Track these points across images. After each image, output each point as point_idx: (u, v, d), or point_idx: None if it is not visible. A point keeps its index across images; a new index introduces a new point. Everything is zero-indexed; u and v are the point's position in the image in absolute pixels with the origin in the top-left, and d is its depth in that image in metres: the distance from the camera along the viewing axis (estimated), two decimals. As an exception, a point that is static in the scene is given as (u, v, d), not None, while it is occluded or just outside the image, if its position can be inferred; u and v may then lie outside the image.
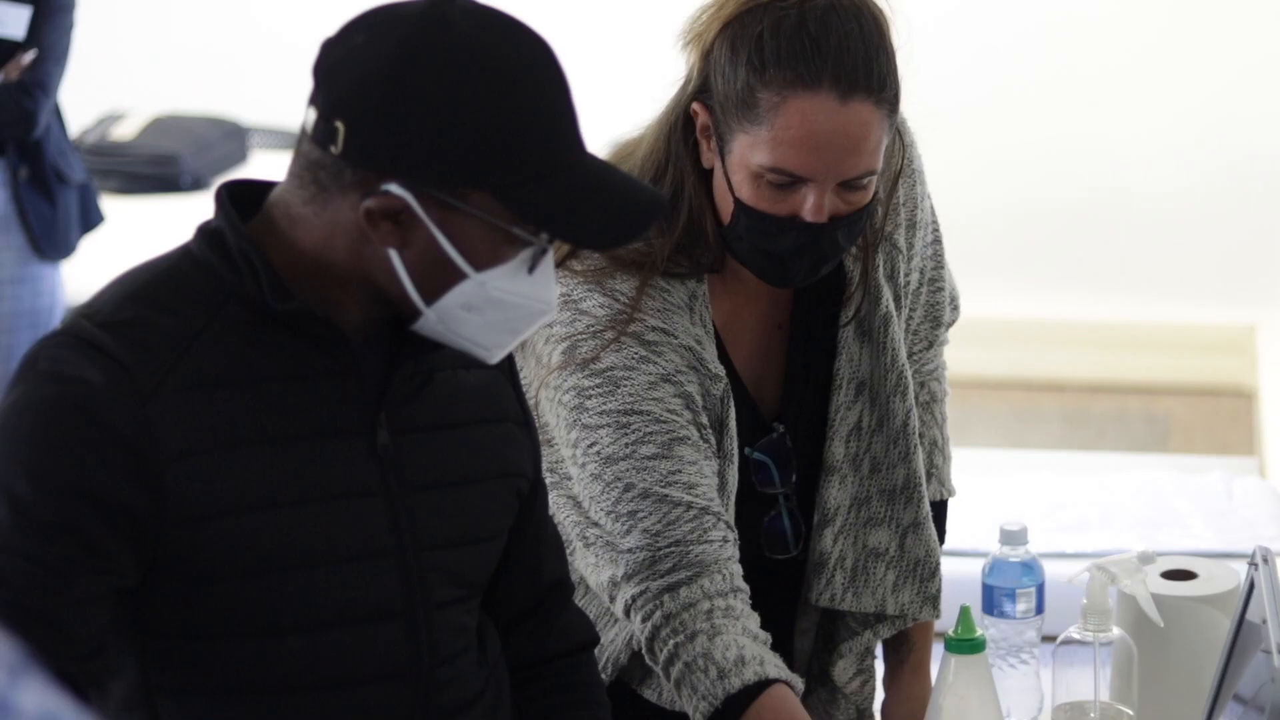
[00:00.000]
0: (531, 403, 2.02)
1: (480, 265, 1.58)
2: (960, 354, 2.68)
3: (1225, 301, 5.27)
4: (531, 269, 1.60)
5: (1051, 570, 2.39)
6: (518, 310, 1.61)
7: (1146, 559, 2.07)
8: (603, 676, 2.08)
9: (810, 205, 1.92)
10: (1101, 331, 5.26)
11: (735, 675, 1.89)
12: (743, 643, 1.92)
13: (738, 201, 1.95)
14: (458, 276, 1.58)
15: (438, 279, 1.59)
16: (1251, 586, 1.99)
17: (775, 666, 1.91)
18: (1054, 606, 2.27)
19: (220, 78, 5.35)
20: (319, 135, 1.56)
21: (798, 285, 2.02)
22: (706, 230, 1.99)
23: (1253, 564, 1.89)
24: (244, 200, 1.62)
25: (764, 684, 1.89)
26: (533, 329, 1.67)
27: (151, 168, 4.86)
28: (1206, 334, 5.24)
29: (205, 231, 1.62)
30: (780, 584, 2.03)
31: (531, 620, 1.83)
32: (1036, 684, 2.33)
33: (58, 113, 3.66)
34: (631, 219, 1.63)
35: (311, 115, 1.57)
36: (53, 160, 3.61)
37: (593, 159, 1.63)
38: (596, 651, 2.08)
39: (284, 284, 1.59)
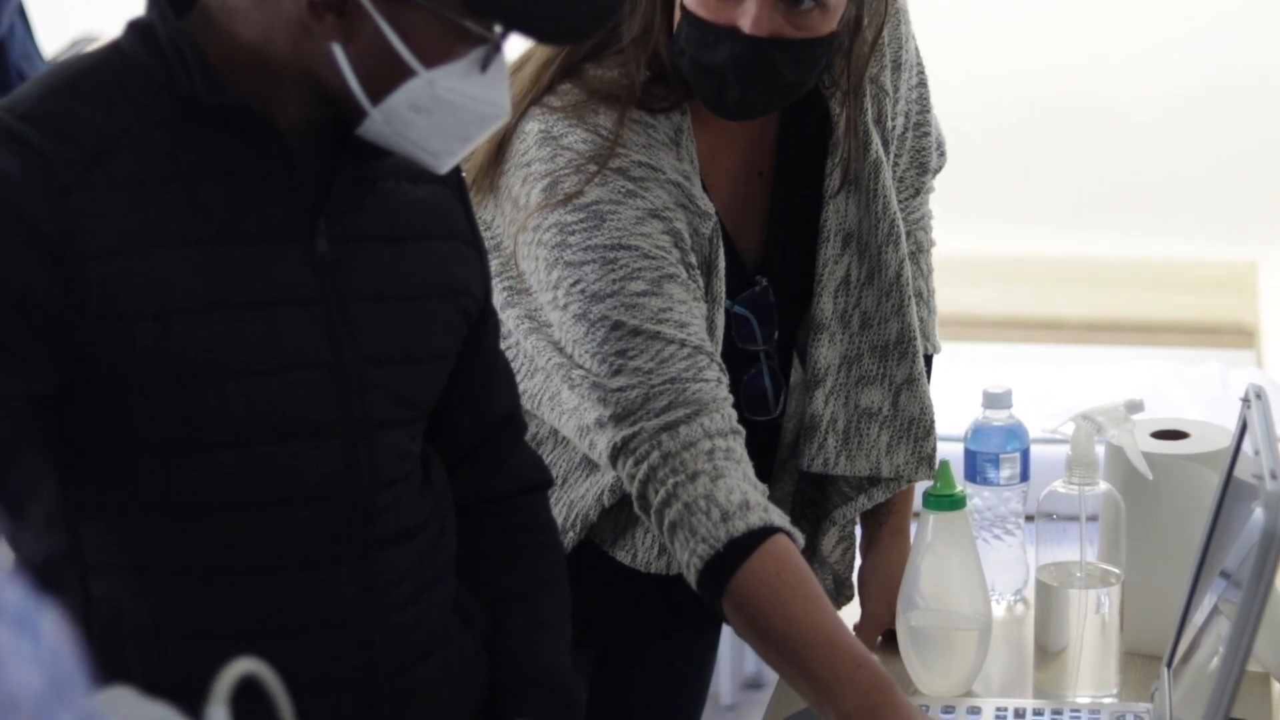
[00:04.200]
0: (508, 253, 1.93)
1: (429, 62, 1.49)
2: (954, 293, 2.61)
3: (1225, 237, 5.17)
4: (484, 68, 1.51)
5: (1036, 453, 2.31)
6: (468, 114, 1.53)
7: (1134, 407, 1.98)
8: (570, 536, 1.99)
9: (749, 16, 1.83)
10: (1099, 269, 5.16)
11: (740, 519, 1.79)
12: (745, 488, 1.82)
13: (683, 9, 1.87)
14: (405, 74, 1.49)
15: (384, 76, 1.50)
16: (1242, 435, 1.90)
17: (780, 515, 1.82)
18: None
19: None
20: None
21: (735, 114, 1.91)
22: (662, 50, 1.90)
23: (1245, 401, 1.80)
24: None
25: (768, 530, 1.79)
26: (484, 135, 1.58)
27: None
28: (1206, 271, 5.14)
29: (135, 26, 1.54)
30: (756, 448, 1.93)
31: (480, 456, 1.74)
32: (1021, 556, 2.25)
33: (22, 13, 3.56)
34: (590, 8, 1.53)
35: None
36: (16, 62, 3.51)
37: None
38: (564, 509, 1.99)
39: (218, 78, 1.50)
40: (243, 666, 1.23)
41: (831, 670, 1.72)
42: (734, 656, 4.21)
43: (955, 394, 2.93)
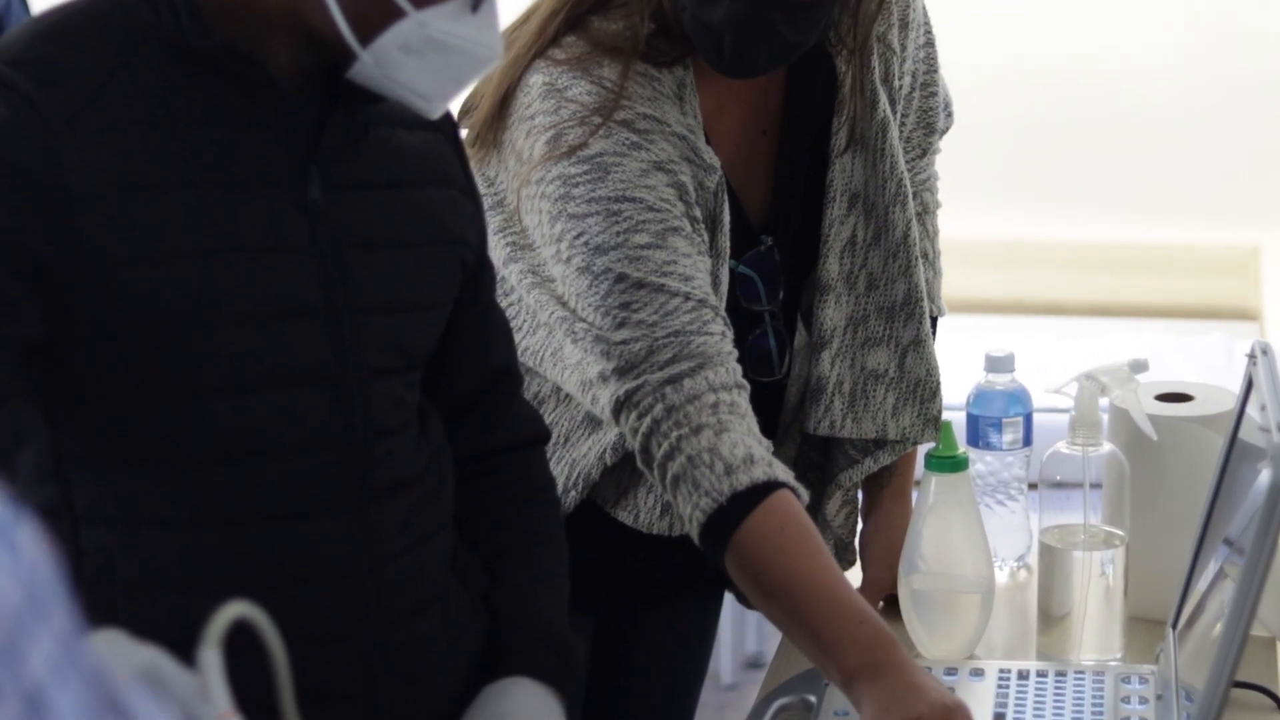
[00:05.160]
0: (511, 209, 1.91)
1: (419, 3, 1.47)
2: (955, 276, 2.59)
3: (1228, 221, 5.14)
4: (475, 9, 1.49)
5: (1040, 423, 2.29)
6: (459, 55, 1.51)
7: (1139, 367, 1.96)
8: (572, 496, 1.97)
9: None
10: (1101, 253, 5.14)
11: (744, 472, 1.76)
12: (749, 442, 1.79)
13: None
14: (394, 14, 1.47)
15: (373, 17, 1.47)
16: (1247, 396, 1.88)
17: (784, 470, 1.79)
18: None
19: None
20: None
21: (734, 72, 1.88)
22: (666, 3, 1.88)
23: (1250, 357, 1.78)
24: None
25: (772, 485, 1.77)
26: (475, 78, 1.56)
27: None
28: (1209, 255, 5.12)
29: None
30: (759, 411, 1.90)
31: (478, 410, 1.72)
32: (1024, 522, 2.23)
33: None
34: None
35: None
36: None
37: None
38: (566, 468, 1.98)
39: (206, 21, 1.48)
40: (236, 610, 1.22)
41: (833, 627, 1.70)
42: (734, 636, 4.20)
43: (956, 365, 2.90)
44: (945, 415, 2.08)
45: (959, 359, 2.68)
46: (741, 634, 4.24)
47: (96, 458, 1.50)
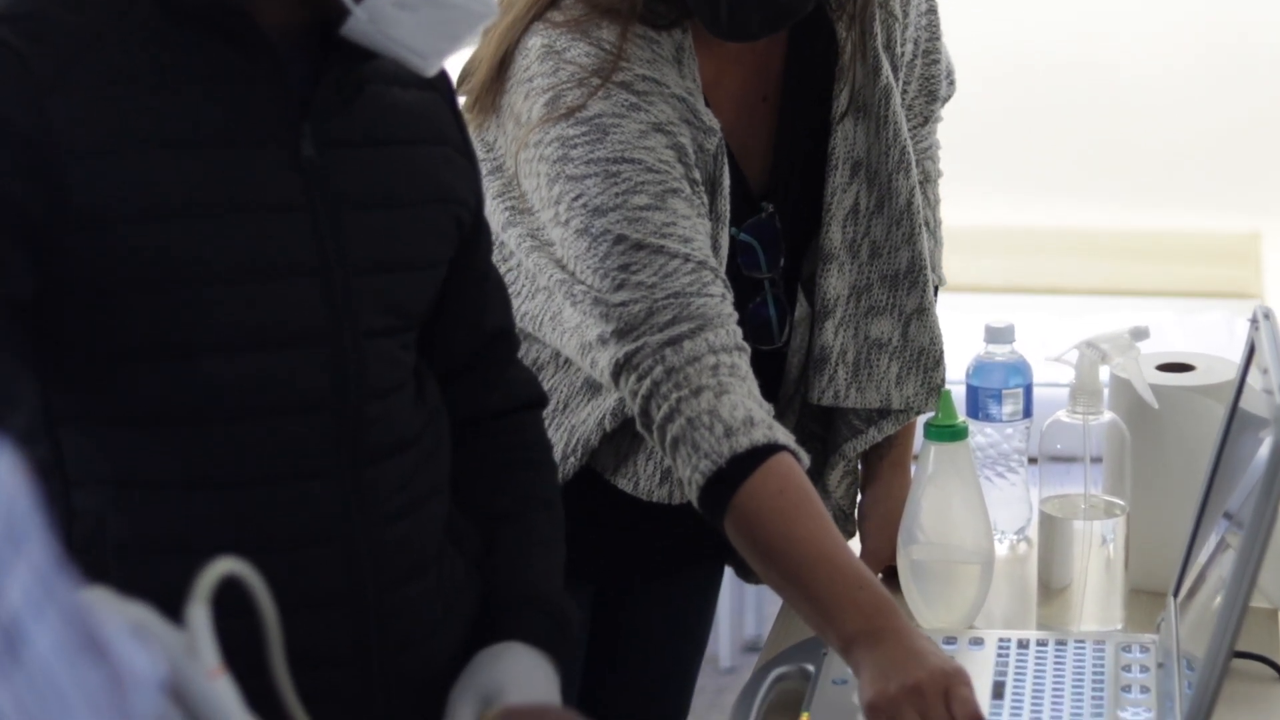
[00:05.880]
0: (510, 173, 1.89)
1: None
2: (956, 263, 2.57)
3: (1229, 209, 5.13)
4: None
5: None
6: (455, 11, 1.49)
7: (1139, 334, 1.94)
8: (571, 462, 1.96)
9: None
10: (1102, 240, 5.12)
11: (744, 434, 1.75)
12: (749, 404, 1.78)
13: None
14: None
15: None
16: (1248, 366, 1.87)
17: (784, 433, 1.78)
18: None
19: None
20: None
21: (730, 34, 1.87)
22: None
23: (1253, 322, 1.76)
24: None
25: (773, 448, 1.75)
26: (472, 35, 1.54)
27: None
28: (1210, 242, 5.10)
29: None
30: (759, 381, 1.89)
31: (474, 372, 1.70)
32: (1024, 495, 2.22)
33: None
34: None
35: None
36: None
37: None
38: (565, 434, 1.96)
39: None
40: (224, 567, 1.20)
41: (832, 592, 1.68)
42: (733, 619, 4.18)
43: (955, 340, 2.88)
44: (945, 388, 2.06)
45: (958, 334, 2.66)
46: (740, 617, 4.22)
47: (88, 419, 1.49)
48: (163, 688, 0.98)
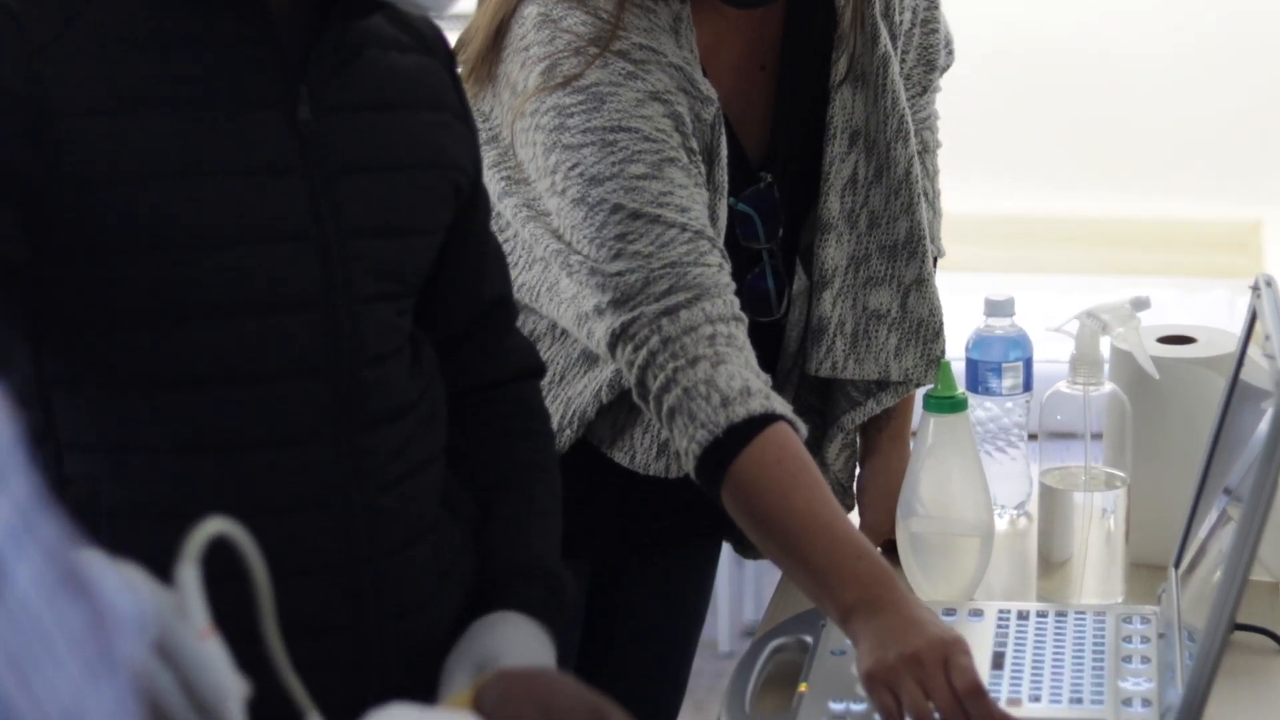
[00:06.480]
0: (506, 143, 1.88)
1: None
2: (956, 252, 2.55)
3: (1229, 196, 5.11)
4: None
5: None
6: None
7: (1140, 304, 1.92)
8: (567, 435, 1.95)
9: None
10: (1102, 228, 5.11)
11: (740, 404, 1.73)
12: (747, 374, 1.76)
13: None
14: None
15: None
16: (1248, 338, 1.85)
17: (782, 403, 1.76)
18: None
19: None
20: None
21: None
22: None
23: (1254, 288, 1.75)
24: None
25: (770, 417, 1.74)
26: None
27: None
28: (1210, 230, 5.08)
29: None
30: (757, 352, 1.88)
31: (472, 341, 1.69)
32: (1024, 469, 2.20)
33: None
34: None
35: None
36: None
37: None
38: (561, 406, 1.95)
39: None
40: (215, 527, 1.18)
41: (831, 562, 1.67)
42: (732, 604, 4.17)
43: (955, 317, 2.87)
44: (945, 360, 2.05)
45: (958, 311, 2.64)
46: (740, 602, 4.21)
47: (80, 382, 1.47)
48: (145, 628, 0.96)
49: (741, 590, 4.20)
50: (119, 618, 0.82)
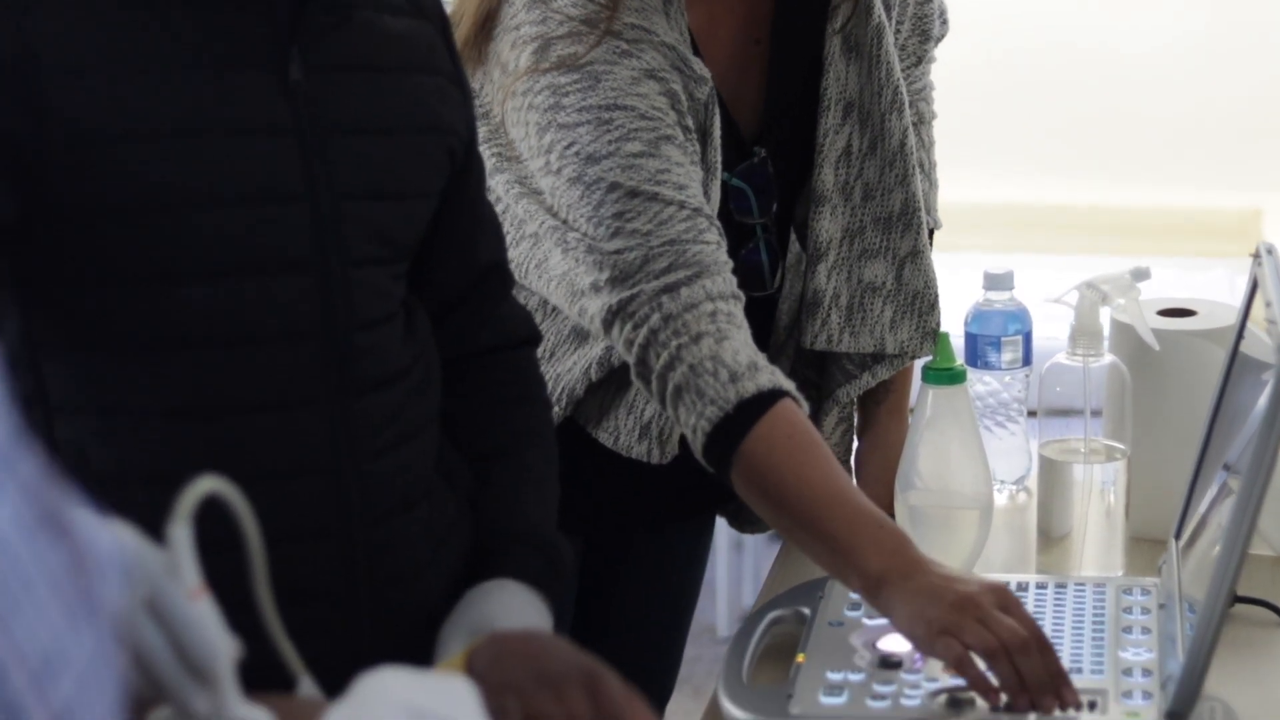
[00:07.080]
0: (496, 121, 1.87)
1: None
2: (954, 239, 2.54)
3: (1229, 185, 5.10)
4: None
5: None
6: None
7: (1140, 275, 1.91)
8: (555, 412, 1.93)
9: None
10: (1102, 217, 5.10)
11: (749, 379, 1.72)
12: (751, 350, 1.75)
13: None
14: None
15: None
16: (1248, 309, 1.84)
17: (786, 380, 1.75)
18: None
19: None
20: None
21: None
22: None
23: (1255, 257, 1.74)
24: None
25: (778, 393, 1.72)
26: None
27: None
28: (1210, 219, 5.07)
29: None
30: (751, 327, 1.86)
31: (466, 307, 1.68)
32: (1024, 445, 2.19)
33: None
34: None
35: None
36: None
37: None
38: (551, 383, 1.94)
39: None
40: (207, 485, 1.17)
41: (853, 532, 1.65)
42: (730, 588, 4.16)
43: (953, 293, 2.86)
44: (943, 332, 2.04)
45: (957, 286, 2.63)
46: (738, 586, 4.20)
47: (70, 346, 1.46)
48: (127, 570, 0.95)
49: (740, 574, 4.19)
50: (100, 559, 0.81)
